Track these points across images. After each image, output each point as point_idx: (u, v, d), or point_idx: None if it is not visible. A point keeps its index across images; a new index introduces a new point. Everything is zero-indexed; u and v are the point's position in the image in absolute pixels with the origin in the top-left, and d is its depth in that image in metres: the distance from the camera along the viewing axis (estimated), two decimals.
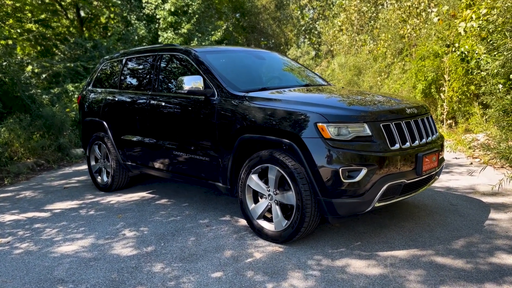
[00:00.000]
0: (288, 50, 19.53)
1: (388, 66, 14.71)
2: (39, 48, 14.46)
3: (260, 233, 3.81)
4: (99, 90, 5.97)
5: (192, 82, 4.17)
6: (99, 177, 5.95)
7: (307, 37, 23.23)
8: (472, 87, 9.11)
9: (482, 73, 6.71)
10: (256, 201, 3.91)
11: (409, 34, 13.22)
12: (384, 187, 3.41)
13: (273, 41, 23.35)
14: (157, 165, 4.97)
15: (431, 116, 4.08)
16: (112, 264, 3.41)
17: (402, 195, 3.66)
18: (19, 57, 11.21)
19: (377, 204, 3.47)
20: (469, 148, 7.91)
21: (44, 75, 9.16)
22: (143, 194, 5.62)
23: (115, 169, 5.55)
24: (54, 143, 8.52)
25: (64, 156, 8.62)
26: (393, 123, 3.52)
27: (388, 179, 3.42)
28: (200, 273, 3.17)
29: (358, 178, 3.30)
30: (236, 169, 4.04)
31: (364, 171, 3.31)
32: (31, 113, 8.65)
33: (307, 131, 3.40)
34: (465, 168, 6.38)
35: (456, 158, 7.22)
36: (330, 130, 3.35)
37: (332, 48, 18.89)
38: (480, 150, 7.73)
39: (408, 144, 3.56)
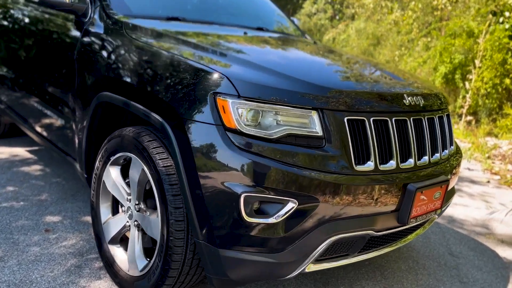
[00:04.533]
0: (303, 3, 17.24)
1: (411, 41, 12.65)
2: None
3: (109, 267, 2.17)
4: None
5: None
6: None
7: None
8: (508, 81, 7.22)
9: None
10: (116, 210, 2.25)
11: (443, 6, 11.08)
12: (328, 241, 1.74)
13: None
14: (20, 115, 3.29)
15: (448, 116, 2.32)
16: None
17: (364, 252, 2.00)
18: None
19: (312, 268, 1.83)
20: (488, 157, 6.16)
21: None
22: (21, 151, 3.97)
23: None
24: None
25: None
26: (371, 119, 1.79)
27: (339, 226, 1.75)
28: None
29: (276, 218, 1.64)
30: (95, 149, 2.36)
31: (290, 207, 1.63)
32: None
33: (195, 108, 1.69)
34: (479, 188, 4.66)
35: (469, 169, 5.48)
36: (238, 114, 1.64)
37: (353, 11, 16.63)
38: (501, 163, 5.98)
39: (393, 163, 1.85)
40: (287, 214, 1.64)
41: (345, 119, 1.73)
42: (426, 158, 2.02)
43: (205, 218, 1.68)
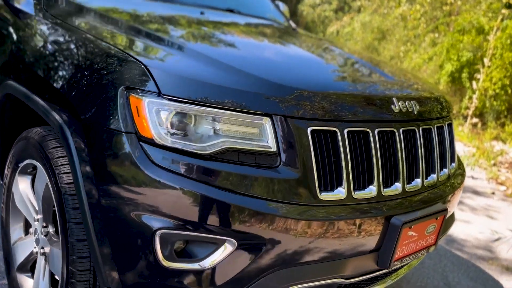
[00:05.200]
0: None
1: (418, 36, 12.10)
2: None
3: None
4: None
5: None
6: None
7: None
8: None
9: None
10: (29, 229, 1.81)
11: (452, 0, 10.52)
12: None
13: None
14: None
15: (450, 126, 1.86)
16: None
17: None
18: None
19: None
20: (494, 164, 5.68)
21: None
22: None
23: None
24: None
25: None
26: (346, 131, 1.33)
27: (294, 274, 1.32)
28: None
29: (206, 263, 1.18)
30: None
31: (226, 248, 1.19)
32: None
33: (101, 108, 1.24)
34: (483, 200, 4.21)
35: (473, 177, 5.01)
36: (158, 118, 1.18)
37: (359, 3, 16.03)
38: (508, 171, 5.51)
39: (372, 188, 1.40)
40: (222, 258, 1.20)
41: (309, 129, 1.28)
42: (418, 180, 1.57)
43: (111, 259, 1.23)
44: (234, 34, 1.96)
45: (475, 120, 7.46)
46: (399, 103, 1.51)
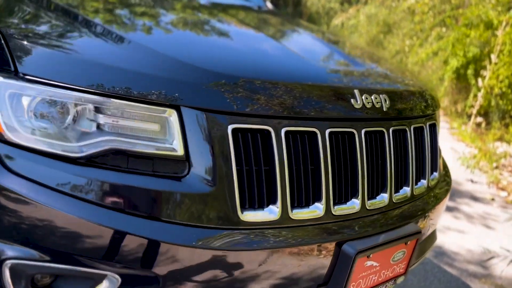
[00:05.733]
0: None
1: (425, 30, 11.66)
2: None
3: None
4: None
5: None
6: None
7: None
8: None
9: None
10: None
11: None
12: None
13: None
14: None
15: (433, 127, 1.52)
16: None
17: None
18: None
19: None
20: (496, 167, 5.33)
21: None
22: None
23: None
24: None
25: None
26: (284, 131, 1.00)
27: None
28: None
29: None
30: None
31: (105, 286, 0.85)
32: None
33: None
34: (481, 207, 3.86)
35: (472, 181, 4.66)
36: (15, 108, 0.86)
37: None
38: (511, 176, 5.16)
39: (318, 206, 1.07)
40: None
41: (230, 128, 0.95)
42: (385, 195, 1.24)
43: None
44: (174, 10, 1.62)
45: (479, 119, 7.08)
46: (363, 97, 1.18)
